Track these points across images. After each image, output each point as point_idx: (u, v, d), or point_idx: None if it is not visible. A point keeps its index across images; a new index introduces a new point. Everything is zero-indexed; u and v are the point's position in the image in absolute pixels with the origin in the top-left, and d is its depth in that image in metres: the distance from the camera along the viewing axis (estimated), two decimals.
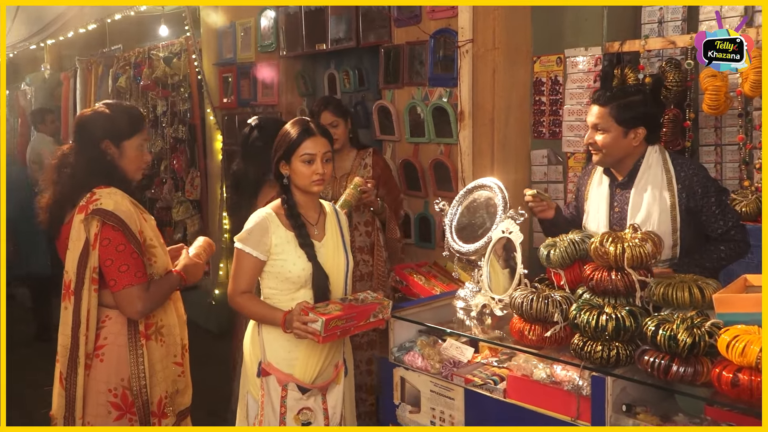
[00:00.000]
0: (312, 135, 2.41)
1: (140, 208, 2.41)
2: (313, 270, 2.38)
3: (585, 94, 3.66)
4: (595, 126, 2.59)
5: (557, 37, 3.80)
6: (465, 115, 3.83)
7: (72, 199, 2.33)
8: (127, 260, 2.26)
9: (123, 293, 2.26)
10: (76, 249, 2.28)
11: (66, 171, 2.37)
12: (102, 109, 2.44)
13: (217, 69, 5.56)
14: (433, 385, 2.43)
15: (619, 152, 2.59)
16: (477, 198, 2.70)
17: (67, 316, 2.29)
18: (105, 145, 2.39)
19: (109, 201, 2.28)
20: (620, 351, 1.96)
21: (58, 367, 2.32)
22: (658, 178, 2.55)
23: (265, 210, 2.45)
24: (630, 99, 2.56)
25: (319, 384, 2.41)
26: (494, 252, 2.55)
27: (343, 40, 4.53)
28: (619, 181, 2.66)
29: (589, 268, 2.18)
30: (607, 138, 2.56)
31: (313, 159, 2.40)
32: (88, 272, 2.26)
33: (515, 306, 2.22)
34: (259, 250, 2.37)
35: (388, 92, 4.27)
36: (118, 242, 2.26)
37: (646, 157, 2.60)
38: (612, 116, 2.54)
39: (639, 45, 3.40)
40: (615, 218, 2.64)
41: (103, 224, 2.25)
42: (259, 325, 2.44)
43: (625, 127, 2.54)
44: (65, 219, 2.37)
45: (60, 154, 2.43)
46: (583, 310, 2.03)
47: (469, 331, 2.50)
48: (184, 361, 2.50)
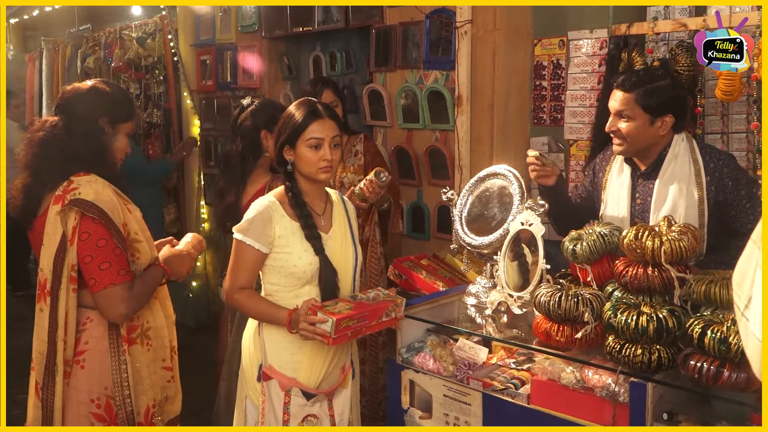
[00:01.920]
0: (319, 117, 2.20)
1: (124, 198, 2.17)
2: (321, 264, 2.18)
3: (589, 78, 3.49)
4: (619, 113, 2.40)
5: (559, 19, 3.62)
6: (463, 100, 3.64)
7: (52, 181, 2.08)
8: (108, 257, 2.02)
9: (104, 294, 2.02)
10: (52, 244, 2.04)
11: (52, 146, 2.11)
12: (101, 86, 2.24)
13: (195, 50, 5.28)
14: (447, 389, 2.25)
15: (644, 141, 2.41)
16: (489, 187, 2.52)
17: (42, 319, 2.05)
18: (102, 123, 2.18)
19: (88, 190, 2.04)
20: (662, 354, 1.81)
21: (34, 376, 2.08)
22: (685, 169, 2.38)
23: (268, 198, 2.23)
24: (657, 84, 2.37)
25: (324, 389, 2.21)
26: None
27: (330, 21, 4.30)
28: (642, 170, 2.48)
29: (621, 263, 2.02)
30: (631, 126, 2.37)
31: (321, 144, 2.19)
32: (65, 270, 2.02)
33: (540, 304, 2.05)
34: (262, 241, 2.16)
35: (379, 75, 4.05)
36: (98, 236, 2.02)
37: (673, 146, 2.42)
38: (638, 103, 2.35)
39: (647, 27, 3.23)
40: (637, 210, 2.46)
41: (82, 216, 2.02)
42: (259, 324, 2.23)
43: (652, 114, 2.36)
44: (39, 210, 2.12)
45: (45, 125, 2.16)
46: (620, 310, 1.86)
47: (482, 330, 2.33)
48: (174, 364, 2.27)
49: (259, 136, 2.97)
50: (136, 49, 5.64)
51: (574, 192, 2.78)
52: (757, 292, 0.84)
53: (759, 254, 0.86)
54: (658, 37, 3.34)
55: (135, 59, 5.71)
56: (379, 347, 3.29)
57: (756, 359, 0.85)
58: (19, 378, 4.48)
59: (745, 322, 0.89)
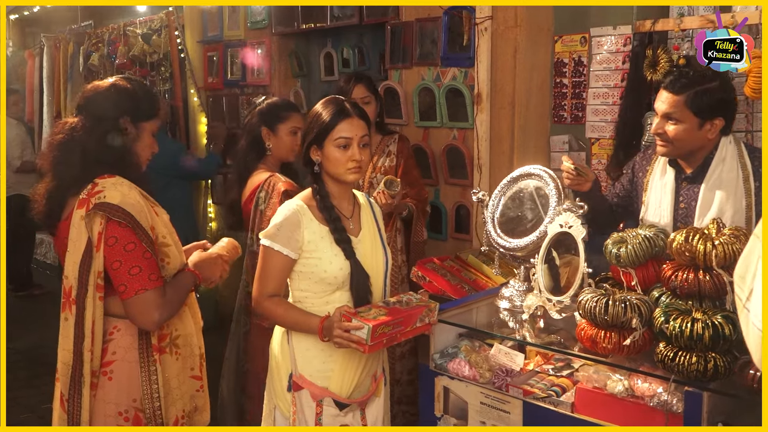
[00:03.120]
0: (348, 116, 2.12)
1: (151, 201, 2.08)
2: (352, 269, 2.10)
3: (612, 76, 3.43)
4: (667, 115, 2.30)
5: (581, 15, 3.55)
6: (483, 97, 3.57)
7: (77, 185, 1.99)
8: (138, 261, 1.93)
9: (135, 300, 1.93)
10: (77, 251, 1.94)
11: (73, 149, 2.02)
12: (122, 83, 2.12)
13: (202, 47, 5.19)
14: (484, 396, 2.18)
15: (691, 145, 2.32)
16: (523, 188, 2.45)
17: (68, 329, 1.96)
18: (123, 122, 2.07)
19: (114, 193, 1.95)
20: (718, 363, 1.74)
21: (59, 387, 1.99)
22: (733, 173, 2.29)
23: (295, 202, 2.15)
24: (708, 86, 2.27)
25: (357, 398, 2.14)
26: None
27: (344, 17, 4.22)
28: (687, 174, 2.39)
29: (669, 267, 1.95)
30: (680, 129, 2.28)
31: (349, 143, 2.11)
32: (92, 278, 1.93)
33: (585, 310, 1.98)
34: (291, 247, 2.08)
35: (395, 72, 3.98)
36: (126, 241, 1.93)
37: (720, 149, 2.33)
38: (688, 105, 2.26)
39: (673, 23, 3.16)
40: (680, 214, 2.38)
41: (108, 221, 1.92)
42: (288, 332, 2.16)
43: (701, 117, 2.26)
44: (63, 214, 2.03)
45: (65, 128, 2.06)
46: (672, 316, 1.80)
47: (516, 335, 2.26)
48: (203, 373, 2.19)
49: (261, 134, 2.91)
50: (141, 46, 5.55)
51: (611, 191, 2.70)
52: (758, 285, 0.89)
53: (761, 248, 0.90)
54: (683, 33, 3.28)
55: (140, 56, 5.61)
56: (396, 359, 3.21)
57: (756, 349, 0.90)
58: (22, 380, 4.43)
59: (747, 313, 0.94)
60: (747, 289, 0.94)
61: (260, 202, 2.79)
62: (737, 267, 1.00)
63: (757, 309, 0.89)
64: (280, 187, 2.72)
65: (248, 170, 2.93)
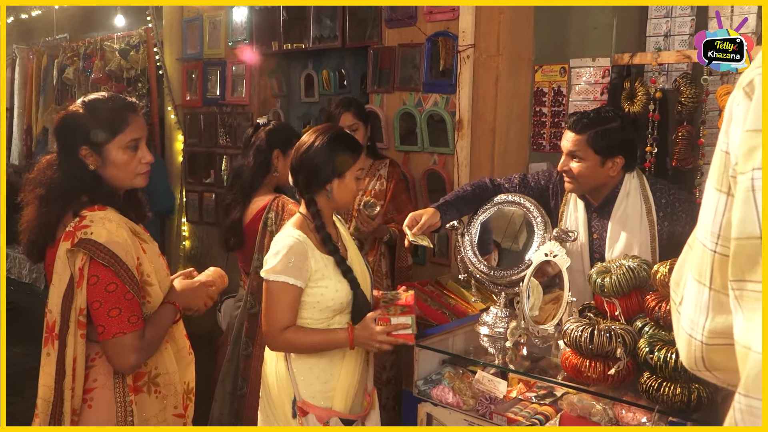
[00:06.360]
0: (357, 156, 2.21)
1: (140, 236, 2.00)
2: (356, 296, 2.15)
3: (591, 106, 3.49)
4: (571, 153, 2.42)
5: (561, 45, 3.63)
6: (464, 124, 3.62)
7: (60, 220, 1.92)
8: (119, 303, 1.86)
9: (113, 343, 1.86)
10: (61, 284, 1.87)
11: (49, 185, 1.94)
12: (75, 109, 1.98)
13: (181, 64, 5.16)
14: (468, 423, 2.18)
15: (594, 182, 2.44)
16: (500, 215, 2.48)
17: (49, 365, 1.87)
18: (83, 153, 1.95)
19: (101, 230, 1.86)
20: (701, 393, 1.77)
21: (37, 423, 1.90)
22: (636, 207, 2.42)
23: (296, 233, 2.12)
24: (608, 126, 2.39)
25: (359, 413, 2.19)
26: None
27: (326, 39, 4.24)
28: (595, 206, 2.52)
29: (653, 298, 1.99)
30: (582, 167, 2.40)
31: (361, 175, 2.23)
32: (73, 314, 1.86)
33: (571, 339, 2.00)
34: (302, 278, 2.09)
35: (376, 96, 4.01)
36: (108, 281, 1.85)
37: (624, 184, 2.45)
38: (589, 144, 2.38)
39: (651, 57, 3.26)
40: (595, 245, 2.50)
41: (90, 259, 1.85)
42: (286, 359, 2.15)
43: (602, 156, 2.38)
44: (50, 240, 1.95)
45: (38, 166, 1.99)
46: (657, 347, 1.83)
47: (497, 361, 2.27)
48: (188, 411, 2.11)
49: (271, 156, 2.90)
50: (118, 61, 5.50)
51: (515, 183, 2.66)
52: (687, 292, 1.02)
53: (691, 257, 1.02)
54: (660, 67, 3.37)
55: (116, 71, 5.56)
56: (382, 383, 3.19)
57: (684, 349, 1.02)
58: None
59: (678, 316, 1.06)
60: (680, 294, 1.05)
61: (270, 223, 2.77)
62: (673, 274, 1.12)
63: (686, 314, 1.01)
64: (291, 209, 2.71)
65: (253, 189, 2.91)
